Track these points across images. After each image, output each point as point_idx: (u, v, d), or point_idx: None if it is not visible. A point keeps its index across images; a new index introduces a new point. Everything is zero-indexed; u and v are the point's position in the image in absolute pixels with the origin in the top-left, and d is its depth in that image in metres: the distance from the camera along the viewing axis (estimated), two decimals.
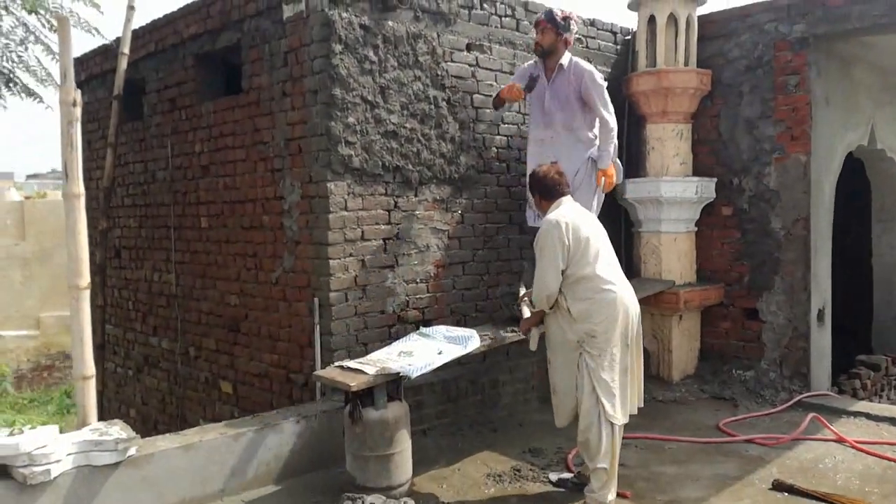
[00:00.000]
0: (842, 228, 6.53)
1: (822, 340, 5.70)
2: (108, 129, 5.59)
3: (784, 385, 5.51)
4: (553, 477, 3.97)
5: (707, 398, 5.52)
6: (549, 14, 4.65)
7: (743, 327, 5.82)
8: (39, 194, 21.15)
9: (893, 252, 7.09)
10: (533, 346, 4.01)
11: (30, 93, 4.17)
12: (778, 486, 3.80)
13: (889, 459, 4.20)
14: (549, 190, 3.80)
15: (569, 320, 3.61)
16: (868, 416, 4.99)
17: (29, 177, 39.73)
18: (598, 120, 4.65)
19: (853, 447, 4.39)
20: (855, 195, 7.24)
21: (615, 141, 4.71)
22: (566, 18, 4.62)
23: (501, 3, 5.15)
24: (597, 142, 4.68)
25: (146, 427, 6.17)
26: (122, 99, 5.46)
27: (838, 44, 5.59)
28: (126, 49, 5.46)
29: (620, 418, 3.54)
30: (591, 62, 5.70)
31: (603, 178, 4.61)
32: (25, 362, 13.80)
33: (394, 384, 3.69)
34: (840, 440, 4.52)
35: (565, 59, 4.67)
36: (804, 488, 3.74)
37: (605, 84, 4.71)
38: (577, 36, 5.55)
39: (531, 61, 4.89)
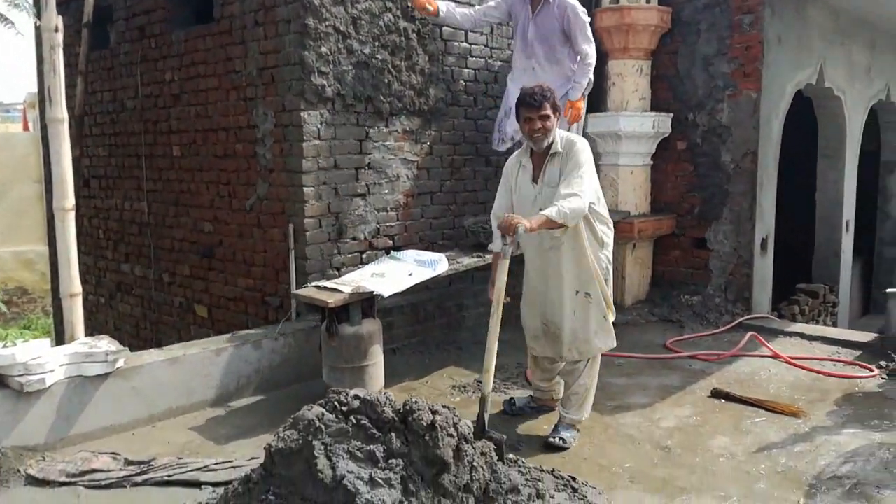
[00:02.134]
0: (791, 164, 6.89)
1: (764, 268, 6.10)
2: (75, 59, 5.59)
3: (728, 309, 5.92)
4: (512, 403, 4.03)
5: (656, 321, 5.92)
6: None
7: (692, 255, 6.19)
8: None
9: (836, 187, 7.49)
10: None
11: (1, 18, 4.15)
12: (716, 394, 4.20)
13: (817, 372, 4.63)
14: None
15: (595, 246, 3.55)
16: (802, 335, 5.43)
17: None
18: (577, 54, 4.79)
19: (787, 362, 4.82)
20: (805, 132, 7.59)
21: (591, 76, 4.85)
22: None
23: None
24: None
25: None
26: (91, 27, 5.44)
27: None
28: None
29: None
30: None
31: (570, 110, 4.73)
32: None
33: (368, 302, 3.94)
34: (775, 356, 4.94)
35: None
36: (739, 395, 4.14)
37: (588, 20, 4.85)
38: None
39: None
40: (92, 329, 6.87)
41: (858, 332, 5.53)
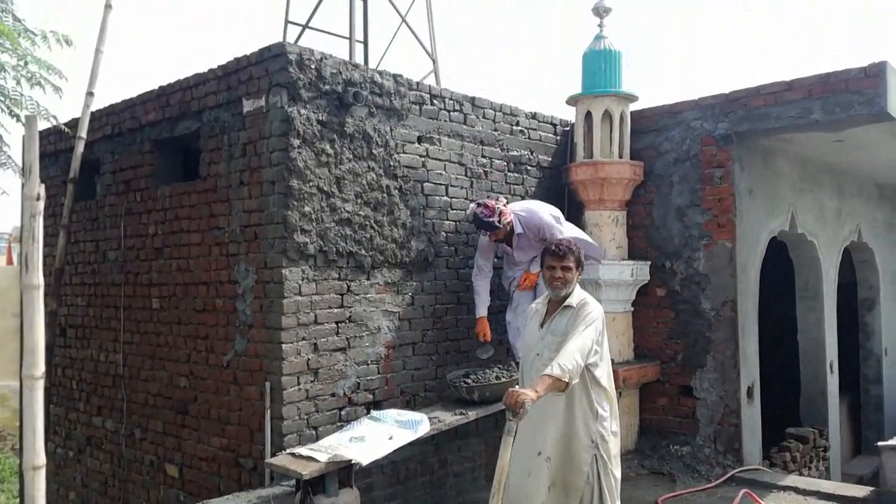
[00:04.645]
0: (770, 306, 6.96)
1: (752, 416, 6.00)
2: (60, 209, 5.64)
3: (718, 460, 5.77)
4: None
5: (647, 473, 5.74)
6: (478, 221, 5.11)
7: (679, 403, 6.10)
8: None
9: (817, 328, 7.53)
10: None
11: None
12: None
13: None
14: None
15: (588, 414, 3.49)
16: (796, 490, 5.27)
17: None
18: None
19: None
20: (781, 275, 7.71)
21: None
22: (491, 214, 5.06)
23: (450, 99, 5.49)
24: None
25: None
26: (77, 182, 5.53)
27: (761, 138, 6.08)
28: (83, 133, 5.57)
29: None
30: (533, 153, 6.12)
31: (526, 281, 5.28)
32: None
33: (345, 471, 3.79)
34: None
35: (517, 225, 5.21)
36: None
37: (556, 216, 5.31)
38: (520, 129, 5.95)
39: (485, 237, 5.27)
40: (59, 484, 6.57)
41: (853, 486, 5.38)
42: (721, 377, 5.86)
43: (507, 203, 5.28)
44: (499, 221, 5.07)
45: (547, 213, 5.28)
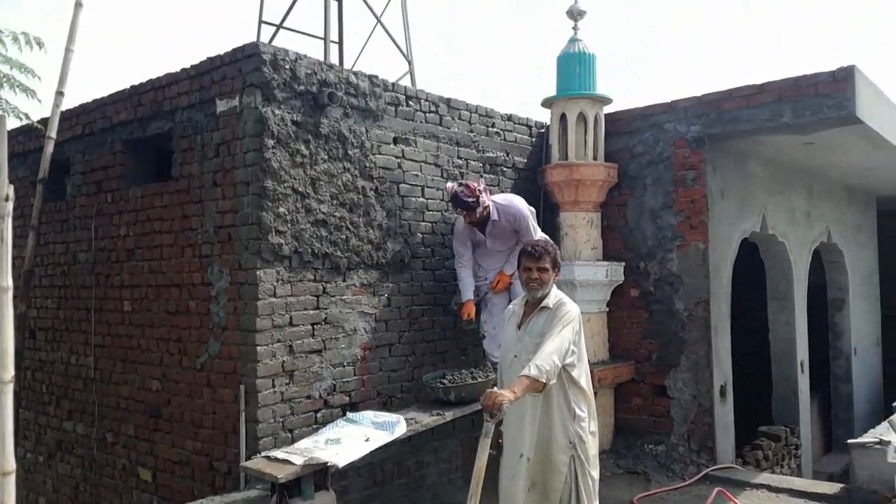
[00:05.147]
0: (742, 305, 7.04)
1: (725, 415, 6.07)
2: (28, 210, 5.54)
3: (692, 459, 5.82)
4: None
5: (622, 473, 5.77)
6: (457, 200, 5.10)
7: (653, 403, 6.15)
8: None
9: (788, 328, 7.64)
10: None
11: None
12: None
13: None
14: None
15: (565, 414, 3.49)
16: (769, 487, 5.34)
17: None
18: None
19: None
20: (753, 276, 7.81)
21: None
22: (471, 195, 5.06)
23: (426, 100, 5.49)
24: None
25: None
26: (46, 183, 5.44)
27: (733, 141, 6.15)
28: (53, 133, 5.47)
29: None
30: (508, 154, 6.13)
31: (500, 282, 5.32)
32: None
33: (321, 473, 3.77)
34: None
35: (493, 212, 5.20)
36: None
37: (532, 212, 5.34)
38: (496, 131, 5.97)
39: (460, 219, 5.32)
40: (28, 490, 6.44)
41: (824, 483, 5.47)
42: (694, 376, 5.93)
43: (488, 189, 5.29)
44: (476, 202, 5.06)
45: (525, 206, 5.30)
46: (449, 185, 5.23)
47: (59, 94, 5.53)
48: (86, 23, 5.70)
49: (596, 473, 3.56)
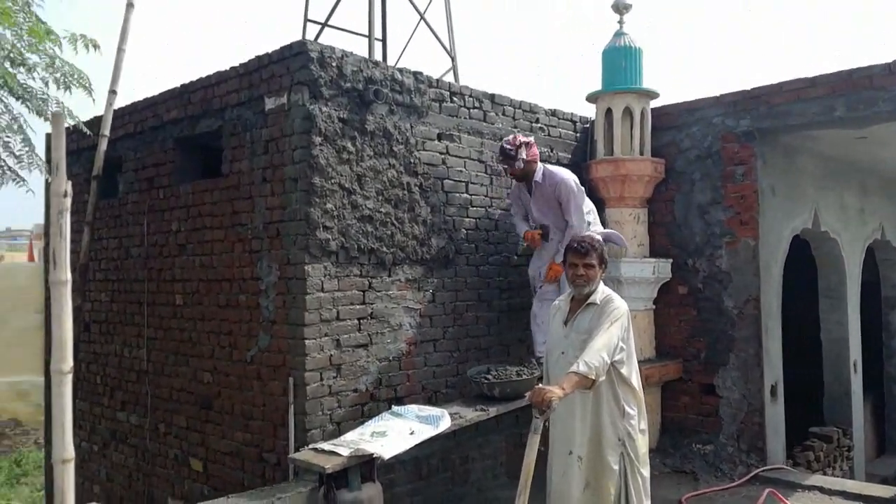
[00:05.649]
0: (794, 304, 6.89)
1: (776, 415, 5.95)
2: (83, 206, 5.70)
3: (742, 459, 5.72)
4: None
5: (669, 472, 5.70)
6: (502, 151, 5.14)
7: (701, 402, 6.06)
8: None
9: (840, 327, 7.45)
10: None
11: (16, 177, 4.27)
12: None
13: None
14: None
15: (614, 411, 3.47)
16: (821, 489, 5.21)
17: None
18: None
19: None
20: (804, 274, 7.64)
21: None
22: (512, 145, 5.07)
23: (470, 96, 5.49)
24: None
25: None
26: (100, 179, 5.59)
27: (783, 135, 6.02)
28: (107, 131, 5.62)
29: None
30: (552, 150, 6.10)
31: (551, 270, 5.19)
32: None
33: (367, 465, 3.80)
34: None
35: (538, 174, 5.17)
36: None
37: (582, 189, 5.24)
38: (540, 126, 5.94)
39: (515, 184, 5.38)
40: (84, 478, 6.64)
41: (878, 486, 5.32)
42: (744, 375, 5.82)
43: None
44: (515, 153, 5.03)
45: (574, 181, 5.20)
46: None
47: (112, 92, 5.68)
48: (137, 23, 5.83)
49: (646, 472, 3.53)
